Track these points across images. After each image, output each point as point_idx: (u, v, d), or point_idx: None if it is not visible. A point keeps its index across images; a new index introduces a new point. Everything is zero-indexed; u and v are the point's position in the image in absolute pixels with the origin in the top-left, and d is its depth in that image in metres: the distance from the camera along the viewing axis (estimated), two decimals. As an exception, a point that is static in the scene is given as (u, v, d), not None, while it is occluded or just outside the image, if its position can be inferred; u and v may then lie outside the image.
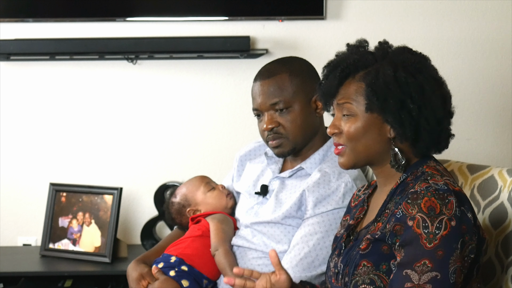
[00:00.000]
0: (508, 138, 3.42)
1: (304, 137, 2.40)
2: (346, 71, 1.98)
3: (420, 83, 1.91)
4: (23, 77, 3.45)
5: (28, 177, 3.47)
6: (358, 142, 1.96)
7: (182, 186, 2.65)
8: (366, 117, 1.94)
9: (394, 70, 1.91)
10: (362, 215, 2.06)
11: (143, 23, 3.41)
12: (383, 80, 1.91)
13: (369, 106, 1.93)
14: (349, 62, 1.98)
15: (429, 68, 1.97)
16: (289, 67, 2.40)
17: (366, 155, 1.97)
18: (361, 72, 1.96)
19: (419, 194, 1.84)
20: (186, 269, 2.43)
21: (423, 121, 1.91)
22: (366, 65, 1.97)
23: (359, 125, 1.95)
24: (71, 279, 3.23)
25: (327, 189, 2.32)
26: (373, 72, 1.94)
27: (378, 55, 1.98)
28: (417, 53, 2.00)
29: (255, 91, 2.41)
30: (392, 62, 1.94)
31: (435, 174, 1.90)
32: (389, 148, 1.95)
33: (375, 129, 1.95)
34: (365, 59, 1.98)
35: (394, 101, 1.90)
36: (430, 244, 1.80)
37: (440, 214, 1.81)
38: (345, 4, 3.39)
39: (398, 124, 1.91)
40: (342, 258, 1.98)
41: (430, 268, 1.79)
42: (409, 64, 1.93)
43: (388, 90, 1.91)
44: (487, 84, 3.41)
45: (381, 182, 2.03)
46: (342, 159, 2.00)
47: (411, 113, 1.90)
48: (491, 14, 3.39)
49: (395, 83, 1.90)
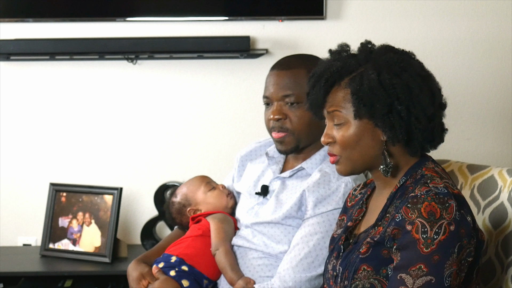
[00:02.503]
0: (508, 138, 3.42)
1: (308, 136, 2.39)
2: (331, 80, 1.96)
3: (405, 82, 1.89)
4: (23, 77, 3.45)
5: (28, 177, 3.47)
6: (352, 150, 1.95)
7: (182, 186, 2.65)
8: (357, 124, 1.93)
9: (378, 73, 1.90)
10: (360, 217, 2.06)
11: (143, 23, 3.41)
12: (367, 85, 1.89)
13: (357, 113, 1.92)
14: (333, 70, 1.96)
15: (414, 65, 1.94)
16: (309, 64, 2.39)
17: (362, 161, 1.96)
18: (346, 79, 1.94)
19: (419, 198, 1.83)
20: (186, 269, 2.42)
21: (413, 120, 1.90)
22: (350, 71, 1.95)
23: (351, 132, 1.94)
24: (71, 279, 3.23)
25: (327, 189, 2.32)
26: (357, 78, 1.92)
27: (361, 58, 1.96)
28: (400, 50, 1.98)
29: (269, 80, 2.41)
30: (375, 65, 1.92)
31: (434, 177, 1.89)
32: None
33: (368, 134, 1.93)
34: (348, 65, 1.96)
35: (381, 105, 1.89)
36: (427, 249, 1.79)
37: (440, 218, 1.80)
38: (345, 4, 3.39)
39: (388, 127, 1.90)
40: (341, 261, 1.98)
41: (425, 272, 1.79)
42: (393, 63, 1.91)
43: (374, 95, 1.89)
44: (487, 84, 3.41)
45: (380, 185, 2.02)
46: (339, 167, 1.99)
47: (400, 114, 1.89)
48: (491, 14, 3.39)
49: (380, 87, 1.89)
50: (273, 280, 2.28)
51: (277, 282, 2.26)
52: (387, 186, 1.98)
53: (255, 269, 2.37)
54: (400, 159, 1.95)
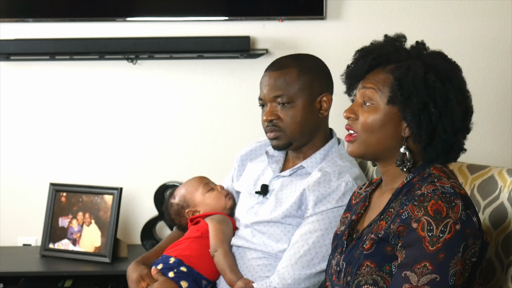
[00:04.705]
0: (508, 138, 3.42)
1: (302, 134, 2.40)
2: (378, 60, 1.97)
3: (447, 90, 1.91)
4: (23, 77, 3.45)
5: (28, 177, 3.47)
6: (372, 134, 1.95)
7: (180, 187, 2.64)
8: (386, 110, 1.94)
9: (425, 71, 1.91)
10: (363, 211, 2.06)
11: (143, 23, 3.41)
12: (412, 77, 1.91)
13: (391, 99, 1.93)
14: (383, 52, 1.98)
15: (459, 78, 1.97)
16: (301, 63, 2.41)
17: (377, 148, 1.96)
18: (392, 65, 1.96)
19: (426, 196, 1.84)
20: (185, 270, 2.42)
21: (440, 127, 1.91)
22: (398, 59, 1.96)
23: (377, 117, 1.94)
24: (71, 279, 3.23)
25: (327, 188, 2.32)
26: (404, 67, 1.93)
27: (413, 53, 1.99)
28: (451, 61, 2.00)
29: (262, 81, 2.44)
30: (424, 63, 1.94)
31: (442, 176, 1.90)
32: (400, 147, 1.95)
33: (392, 124, 1.94)
34: (399, 53, 1.98)
35: (417, 100, 1.90)
36: (433, 247, 1.80)
37: (446, 217, 1.80)
38: (345, 4, 3.39)
39: (415, 124, 1.91)
40: (345, 257, 1.98)
41: (430, 270, 1.79)
42: (441, 69, 1.93)
43: (414, 88, 1.91)
44: (487, 84, 3.41)
45: (387, 181, 2.02)
46: (352, 147, 1.99)
47: (431, 116, 1.91)
48: (491, 14, 3.39)
49: (422, 84, 1.90)
50: (272, 278, 2.28)
51: (276, 280, 2.26)
52: (394, 182, 1.99)
53: (255, 269, 2.37)
54: (414, 157, 1.96)
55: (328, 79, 2.44)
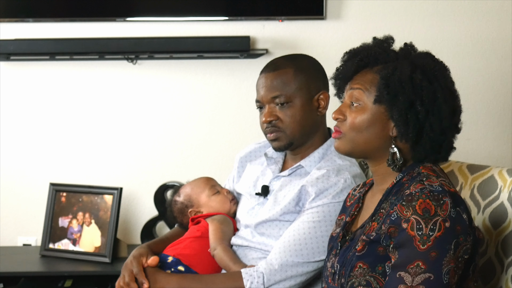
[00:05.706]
0: (508, 138, 3.42)
1: (302, 134, 2.40)
2: (365, 61, 1.99)
3: (434, 89, 1.92)
4: (23, 77, 3.45)
5: (28, 177, 3.47)
6: (359, 133, 1.96)
7: (187, 185, 2.63)
8: (374, 110, 1.94)
9: (411, 71, 1.92)
10: (356, 212, 2.07)
11: (143, 23, 3.41)
12: (398, 76, 1.92)
13: (378, 98, 1.93)
14: (371, 53, 1.99)
15: (447, 78, 1.97)
16: (296, 63, 2.41)
17: (364, 148, 1.97)
18: (380, 66, 1.97)
19: (413, 196, 1.84)
20: (182, 269, 2.41)
21: (427, 126, 1.91)
22: (386, 60, 1.98)
23: (364, 117, 1.95)
24: (71, 279, 3.23)
25: (325, 184, 2.33)
26: (391, 67, 1.94)
27: (401, 54, 2.00)
28: (439, 61, 2.00)
29: (259, 83, 2.43)
30: (412, 63, 1.95)
31: (430, 175, 1.91)
32: (389, 146, 1.96)
33: (379, 124, 1.95)
34: (387, 54, 1.99)
35: (404, 99, 1.91)
36: (424, 246, 1.80)
37: (435, 215, 1.81)
38: (345, 4, 3.39)
39: (402, 122, 1.92)
40: (339, 259, 1.99)
41: (423, 269, 1.80)
42: (428, 69, 1.94)
43: (400, 87, 1.91)
44: (487, 84, 3.41)
45: (377, 180, 2.03)
46: (339, 143, 2.00)
47: (418, 115, 1.91)
48: (491, 14, 3.39)
49: (409, 82, 1.91)
50: (259, 263, 2.28)
51: (264, 265, 2.26)
52: (384, 181, 2.00)
53: (255, 269, 2.36)
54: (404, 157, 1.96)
55: (324, 77, 2.44)
